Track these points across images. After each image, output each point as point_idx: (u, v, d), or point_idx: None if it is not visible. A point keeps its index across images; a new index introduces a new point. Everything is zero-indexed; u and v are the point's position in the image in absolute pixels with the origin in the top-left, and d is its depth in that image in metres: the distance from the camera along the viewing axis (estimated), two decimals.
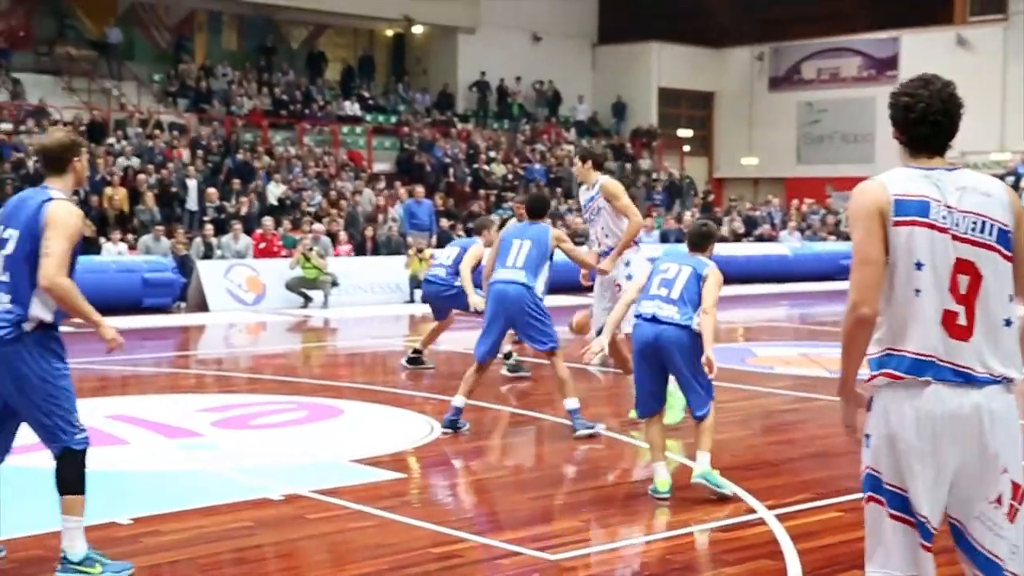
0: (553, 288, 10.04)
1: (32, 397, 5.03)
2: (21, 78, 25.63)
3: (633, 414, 7.78)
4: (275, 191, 23.05)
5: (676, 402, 7.64)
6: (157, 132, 24.50)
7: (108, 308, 15.36)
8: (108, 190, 20.76)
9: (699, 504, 6.51)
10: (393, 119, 30.86)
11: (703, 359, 6.48)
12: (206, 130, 25.58)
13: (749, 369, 12.03)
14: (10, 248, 5.00)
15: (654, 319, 6.58)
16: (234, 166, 23.81)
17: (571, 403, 8.17)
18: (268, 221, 20.29)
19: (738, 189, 35.52)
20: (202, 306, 18.10)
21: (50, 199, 5.01)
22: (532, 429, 9.08)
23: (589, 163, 9.07)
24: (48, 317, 5.03)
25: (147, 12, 29.55)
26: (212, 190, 21.78)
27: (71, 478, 5.15)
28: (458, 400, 8.31)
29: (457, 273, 10.89)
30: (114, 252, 18.35)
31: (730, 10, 35.94)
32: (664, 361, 6.62)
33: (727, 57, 37.19)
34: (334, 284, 18.77)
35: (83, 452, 5.16)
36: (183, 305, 18.19)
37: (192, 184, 22.03)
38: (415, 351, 11.65)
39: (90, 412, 9.04)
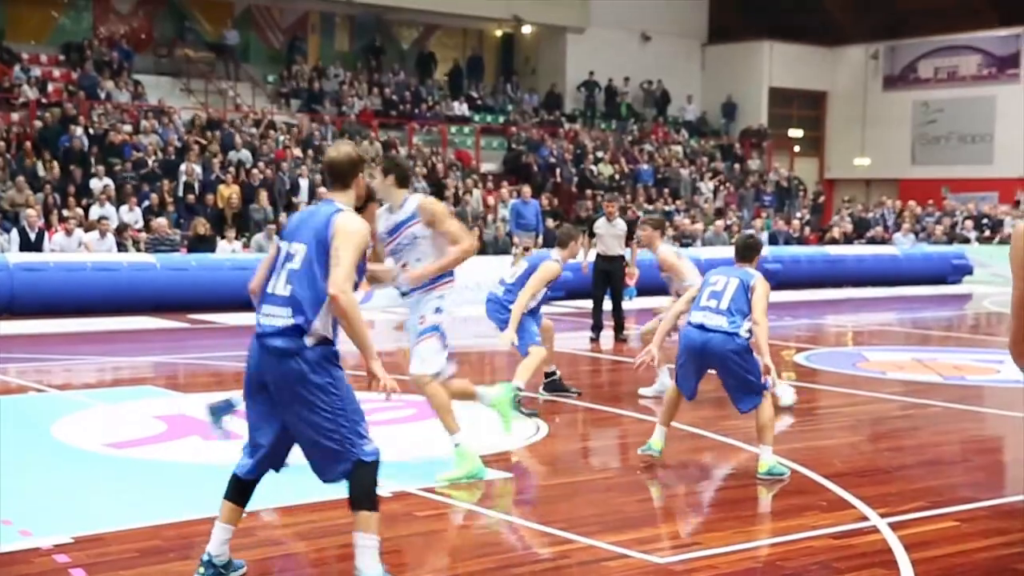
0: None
1: (316, 412, 4.76)
2: (142, 79, 26.34)
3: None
4: None
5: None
6: (270, 132, 24.97)
7: (223, 305, 15.79)
8: (223, 188, 21.21)
9: (810, 510, 6.41)
10: (501, 119, 30.98)
11: (761, 366, 6.98)
12: (317, 130, 26.00)
13: (860, 374, 11.80)
14: (296, 263, 4.80)
15: (702, 327, 7.10)
16: None
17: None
18: None
19: (850, 190, 34.90)
20: None
21: (339, 211, 4.85)
22: (641, 430, 9.03)
23: (392, 177, 6.93)
24: (329, 334, 4.81)
25: (262, 14, 30.12)
26: (322, 189, 22.10)
27: (365, 492, 4.85)
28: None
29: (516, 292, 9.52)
30: (228, 250, 18.73)
31: (844, 8, 35.31)
32: (709, 365, 7.20)
33: (840, 56, 36.56)
34: None
35: (375, 464, 4.85)
36: None
37: (304, 183, 22.40)
38: (548, 374, 10.22)
39: (202, 407, 9.28)
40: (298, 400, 4.75)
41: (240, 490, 5.06)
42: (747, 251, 7.42)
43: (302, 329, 4.73)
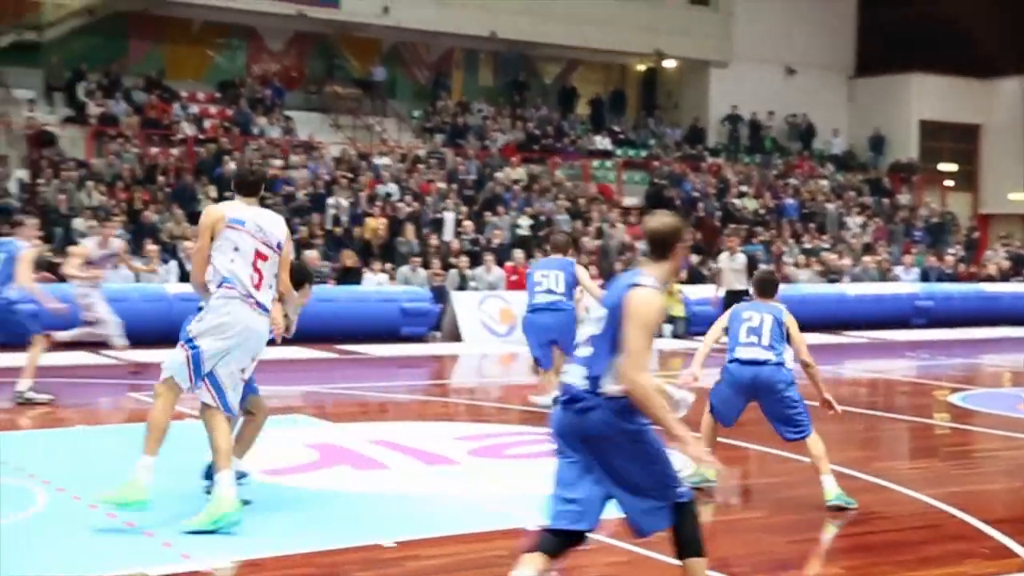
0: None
1: (632, 462, 4.76)
2: (293, 116, 27.09)
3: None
4: (526, 221, 23.53)
5: None
6: (416, 166, 25.40)
7: (368, 336, 16.07)
8: (370, 221, 21.63)
9: (971, 557, 6.19)
10: (643, 153, 30.92)
11: (823, 402, 7.43)
12: (461, 164, 26.36)
13: (1020, 416, 11.37)
14: (598, 327, 4.83)
15: (752, 362, 7.41)
16: (488, 199, 24.42)
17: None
18: (519, 254, 20.66)
19: (1006, 226, 33.74)
20: (456, 336, 18.57)
21: (637, 284, 4.78)
22: (792, 470, 8.84)
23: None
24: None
25: (408, 51, 30.70)
26: (467, 222, 22.38)
27: (696, 535, 4.82)
28: None
29: None
30: (374, 282, 19.06)
31: (998, 38, 34.30)
32: (755, 397, 7.52)
33: (994, 87, 35.50)
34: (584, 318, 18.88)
35: (693, 505, 4.85)
36: (438, 335, 18.72)
37: (449, 216, 22.69)
38: None
39: (352, 436, 9.45)
40: (611, 452, 4.76)
41: (557, 544, 4.90)
42: (768, 287, 7.72)
43: (597, 386, 4.74)
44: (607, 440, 4.73)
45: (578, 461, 4.80)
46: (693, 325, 19.21)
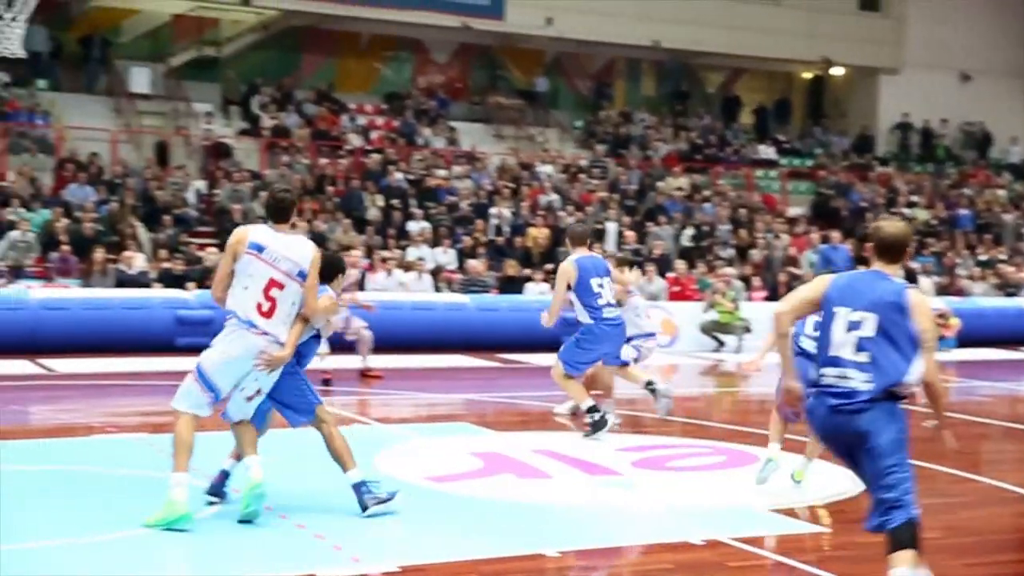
0: None
1: (881, 459, 5.14)
2: (457, 126, 27.48)
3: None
4: (688, 232, 23.34)
5: None
6: (578, 176, 25.47)
7: (533, 346, 16.14)
8: (532, 231, 21.76)
9: None
10: (809, 162, 30.32)
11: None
12: (623, 174, 26.30)
13: None
14: (868, 331, 5.17)
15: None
16: (650, 209, 24.31)
17: None
18: (681, 264, 20.50)
19: None
20: None
21: (907, 287, 5.25)
22: (968, 491, 8.54)
23: None
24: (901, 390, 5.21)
25: (570, 61, 30.80)
26: (630, 232, 22.31)
27: (906, 543, 5.15)
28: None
29: None
30: (536, 291, 19.16)
31: None
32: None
33: None
34: (747, 330, 18.63)
35: (917, 525, 5.20)
36: None
37: (611, 227, 22.67)
38: None
39: (514, 445, 9.51)
40: (869, 452, 5.14)
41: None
42: None
43: (882, 389, 5.12)
44: (872, 437, 5.09)
45: (852, 458, 5.25)
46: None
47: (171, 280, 17.50)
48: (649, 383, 11.06)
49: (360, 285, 18.20)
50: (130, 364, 14.40)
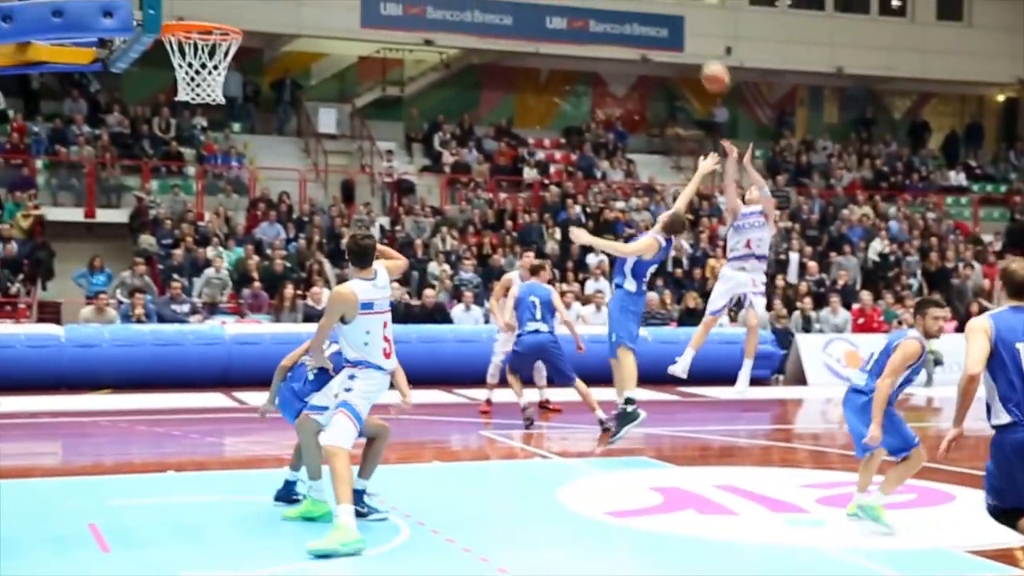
0: None
1: None
2: (634, 158, 27.47)
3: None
4: (878, 246, 22.76)
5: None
6: None
7: (712, 379, 15.95)
8: (712, 262, 21.53)
9: None
10: (1002, 188, 29.18)
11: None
12: (805, 203, 25.80)
13: None
14: None
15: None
16: (832, 239, 23.77)
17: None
18: (866, 296, 19.97)
19: None
20: (800, 379, 18.13)
21: None
22: None
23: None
24: None
25: (751, 91, 30.46)
26: (812, 263, 21.86)
27: None
28: None
29: None
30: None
31: None
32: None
33: None
34: (937, 363, 17.98)
35: None
36: (781, 378, 18.34)
37: (793, 257, 22.26)
38: None
39: (695, 480, 9.40)
40: None
41: None
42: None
43: None
44: None
45: None
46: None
47: None
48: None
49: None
50: None
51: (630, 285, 10.80)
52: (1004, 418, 5.85)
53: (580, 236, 11.09)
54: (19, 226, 19.78)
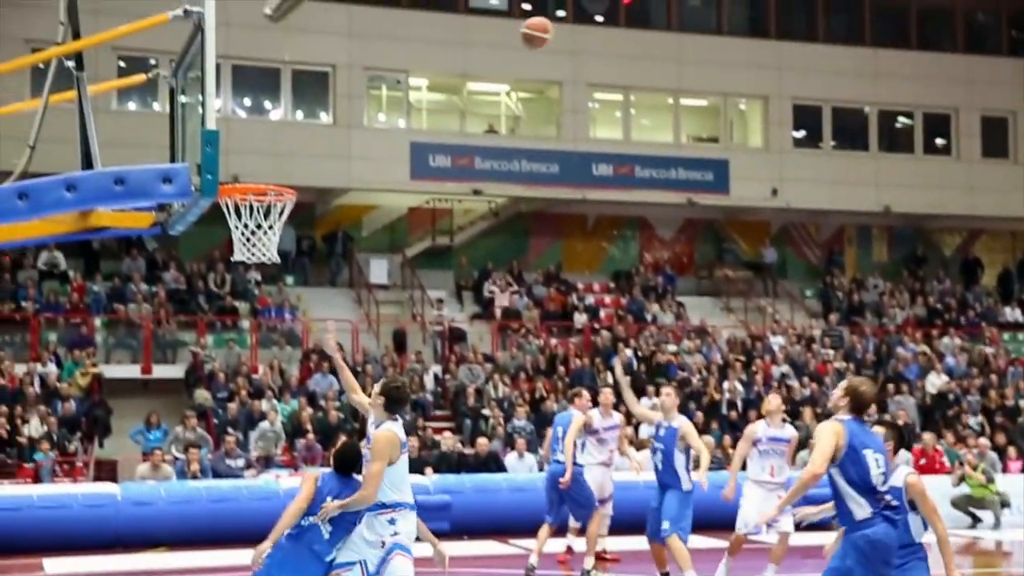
0: None
1: None
2: (684, 301, 27.51)
3: None
4: (936, 381, 22.43)
5: None
6: (811, 346, 24.94)
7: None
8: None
9: None
10: None
11: None
12: (859, 342, 25.61)
13: None
14: None
15: None
16: (888, 377, 23.50)
17: None
18: (928, 437, 19.60)
19: None
20: None
21: None
22: None
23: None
24: None
25: (798, 231, 30.55)
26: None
27: None
28: None
29: None
30: None
31: None
32: None
33: None
34: (1004, 505, 17.53)
35: None
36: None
37: None
38: None
39: None
40: None
41: None
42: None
43: None
44: None
45: None
46: None
47: (409, 465, 17.89)
48: None
49: None
50: None
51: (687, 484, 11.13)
52: None
53: (618, 368, 11.33)
54: (77, 384, 20.05)
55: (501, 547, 15.22)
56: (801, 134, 29.30)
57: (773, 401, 12.02)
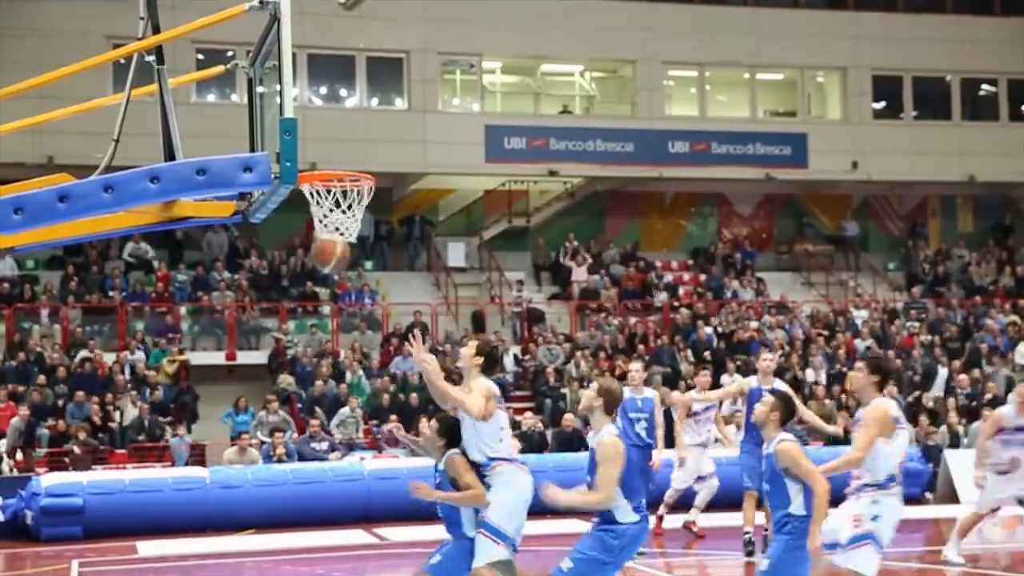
0: None
1: None
2: (764, 276, 27.27)
3: None
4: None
5: None
6: (895, 319, 24.60)
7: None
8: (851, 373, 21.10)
9: None
10: None
11: None
12: (945, 314, 25.20)
13: None
14: None
15: None
16: (975, 349, 23.09)
17: None
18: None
19: None
20: (952, 498, 17.45)
21: None
22: None
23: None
24: None
25: (880, 204, 30.09)
26: (963, 376, 21.23)
27: None
28: None
29: None
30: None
31: None
32: None
33: None
34: None
35: None
36: (931, 496, 17.70)
37: (942, 372, 21.71)
38: None
39: None
40: None
41: None
42: None
43: None
44: None
45: None
46: None
47: None
48: None
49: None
50: None
51: None
52: None
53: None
54: (165, 372, 20.46)
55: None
56: (881, 105, 28.80)
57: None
